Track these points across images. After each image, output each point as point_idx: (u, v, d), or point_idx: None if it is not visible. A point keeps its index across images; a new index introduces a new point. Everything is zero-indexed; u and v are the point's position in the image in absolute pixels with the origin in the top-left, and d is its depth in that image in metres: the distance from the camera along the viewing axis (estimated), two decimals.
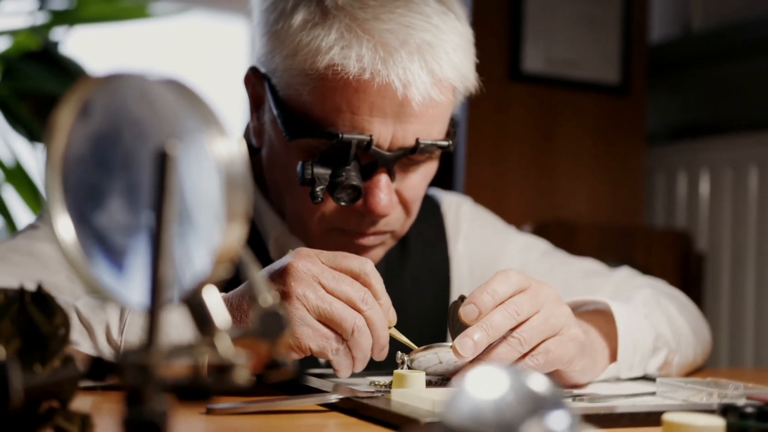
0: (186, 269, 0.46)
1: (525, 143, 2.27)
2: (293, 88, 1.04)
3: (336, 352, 0.89)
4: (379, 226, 1.08)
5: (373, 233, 1.09)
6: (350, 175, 1.01)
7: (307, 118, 1.03)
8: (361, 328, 0.89)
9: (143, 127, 0.47)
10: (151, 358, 0.45)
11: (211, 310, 0.47)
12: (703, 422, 0.68)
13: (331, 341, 0.88)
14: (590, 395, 0.92)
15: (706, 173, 2.41)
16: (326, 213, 1.07)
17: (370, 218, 1.06)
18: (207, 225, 0.46)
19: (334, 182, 1.02)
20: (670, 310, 1.20)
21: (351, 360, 0.90)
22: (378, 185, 1.04)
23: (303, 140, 1.04)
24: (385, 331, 0.91)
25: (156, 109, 0.47)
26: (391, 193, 1.05)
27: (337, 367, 0.90)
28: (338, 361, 0.90)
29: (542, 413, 0.44)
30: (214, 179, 0.46)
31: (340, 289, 0.89)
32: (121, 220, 0.48)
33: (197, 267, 0.46)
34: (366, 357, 0.90)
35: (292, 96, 1.05)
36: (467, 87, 1.11)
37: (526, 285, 0.94)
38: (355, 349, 0.89)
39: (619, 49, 2.36)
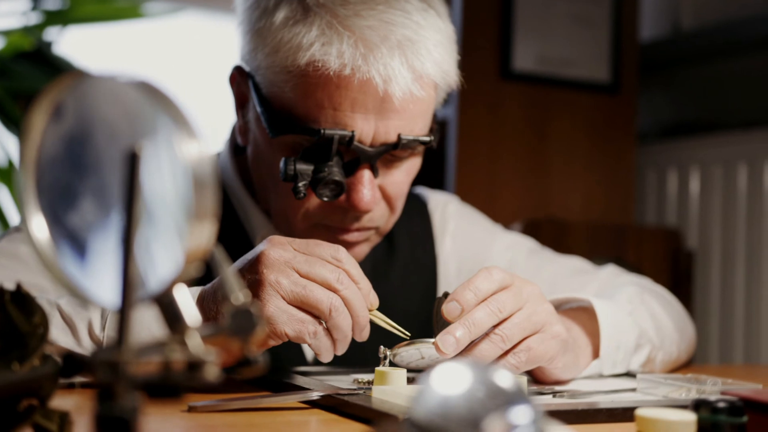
0: (156, 268, 0.47)
1: (517, 142, 2.28)
2: (276, 86, 1.05)
3: (314, 335, 0.89)
4: (362, 222, 1.09)
5: (356, 229, 1.10)
6: (333, 171, 1.02)
7: (289, 114, 1.04)
8: (339, 308, 0.89)
9: (114, 127, 0.48)
10: (122, 356, 0.45)
11: (182, 308, 0.48)
12: (676, 417, 0.69)
13: (308, 324, 0.88)
14: (571, 391, 0.93)
15: (697, 171, 2.42)
16: (310, 209, 1.08)
17: (354, 214, 1.07)
18: (176, 224, 0.47)
19: (316, 178, 1.03)
20: (653, 308, 1.21)
21: (331, 342, 0.90)
22: (361, 181, 1.05)
23: (286, 137, 1.05)
24: (364, 310, 0.92)
25: (126, 110, 0.47)
26: (374, 188, 1.06)
27: (317, 350, 0.91)
28: (318, 345, 0.90)
29: (505, 407, 0.45)
30: (183, 179, 0.46)
31: (314, 272, 0.90)
32: (93, 220, 0.48)
33: (167, 266, 0.47)
34: (346, 338, 0.91)
35: (275, 93, 1.06)
36: (449, 83, 1.12)
37: (509, 282, 0.95)
38: (335, 330, 0.90)
39: (610, 48, 2.37)
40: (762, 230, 2.25)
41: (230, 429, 0.72)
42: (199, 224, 0.47)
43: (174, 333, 0.48)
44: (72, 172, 0.49)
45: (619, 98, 2.38)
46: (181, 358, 0.47)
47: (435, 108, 1.13)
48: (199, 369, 0.47)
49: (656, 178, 2.54)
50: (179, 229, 0.47)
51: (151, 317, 0.83)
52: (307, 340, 0.89)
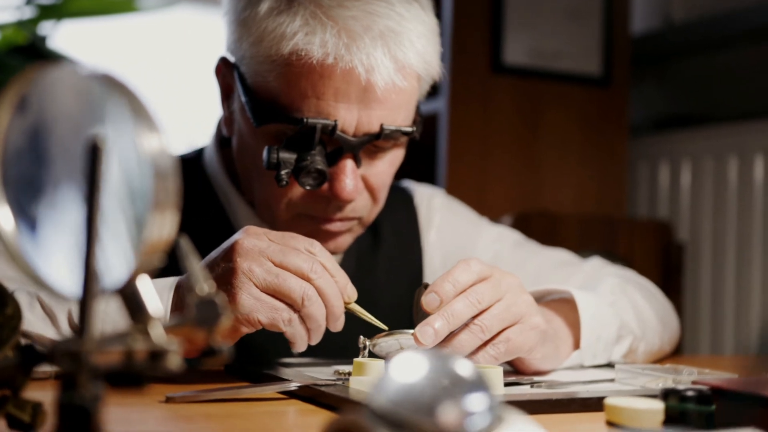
0: (118, 259, 0.48)
1: (508, 136, 2.28)
2: (260, 75, 1.06)
3: (288, 323, 0.89)
4: (345, 212, 1.10)
5: (339, 219, 1.11)
6: (315, 160, 1.03)
7: (274, 104, 1.05)
8: (312, 297, 0.90)
9: (76, 120, 0.49)
10: (84, 346, 0.46)
11: (145, 298, 0.49)
12: (643, 406, 0.69)
13: (282, 312, 0.89)
14: (549, 382, 0.93)
15: (688, 164, 2.43)
16: (293, 199, 1.09)
17: (336, 203, 1.08)
18: (138, 216, 0.47)
19: (299, 166, 1.04)
20: (635, 299, 1.22)
21: (306, 331, 0.91)
22: (344, 170, 1.06)
23: (270, 126, 1.06)
24: (339, 300, 0.92)
25: (88, 103, 0.48)
26: (356, 178, 1.07)
27: (291, 339, 0.91)
28: (292, 333, 0.91)
29: (460, 395, 0.46)
30: (144, 171, 0.47)
31: (287, 261, 0.90)
32: (57, 212, 0.49)
33: (129, 257, 0.48)
34: (320, 327, 0.92)
35: (259, 83, 1.07)
36: (432, 75, 1.13)
37: (488, 274, 0.95)
38: (308, 320, 0.91)
39: (601, 40, 2.37)
40: (752, 223, 2.26)
41: (208, 419, 0.73)
42: (160, 215, 0.47)
43: (137, 323, 0.49)
44: (36, 164, 0.49)
45: (610, 91, 2.39)
46: (144, 347, 0.48)
47: (418, 99, 1.14)
48: (161, 358, 0.48)
49: (648, 171, 2.54)
50: (141, 220, 0.47)
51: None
52: (282, 328, 0.89)
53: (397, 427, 0.45)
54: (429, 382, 0.46)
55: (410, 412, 0.45)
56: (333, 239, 1.13)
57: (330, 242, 1.13)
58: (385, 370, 0.48)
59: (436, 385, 0.46)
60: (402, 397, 0.46)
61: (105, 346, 0.47)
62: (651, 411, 0.69)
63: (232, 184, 1.22)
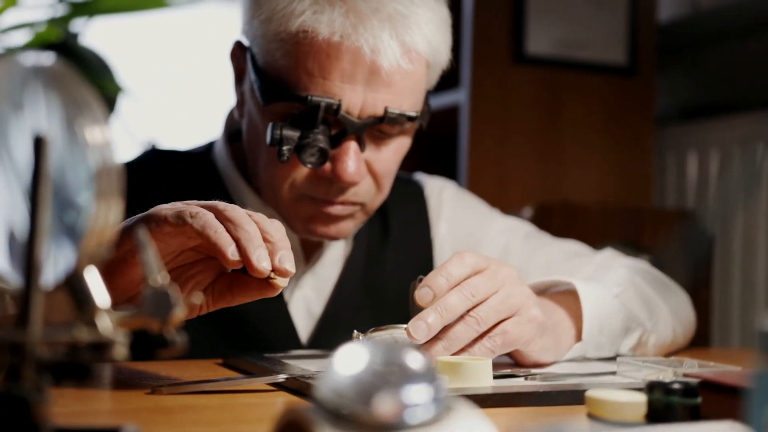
0: (64, 250, 0.48)
1: (530, 127, 2.26)
2: (269, 54, 1.07)
3: (193, 216, 0.82)
4: (347, 195, 1.10)
5: (341, 202, 1.11)
6: (317, 138, 1.04)
7: (281, 83, 1.06)
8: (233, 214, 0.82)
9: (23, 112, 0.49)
10: (27, 336, 0.46)
11: (92, 289, 0.49)
12: (625, 398, 0.68)
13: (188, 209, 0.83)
14: (545, 374, 0.92)
15: (717, 153, 2.38)
16: (296, 180, 1.09)
17: (338, 186, 1.09)
18: (83, 207, 0.47)
19: (301, 144, 1.04)
20: (645, 290, 1.20)
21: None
22: (346, 152, 1.06)
23: (277, 105, 1.07)
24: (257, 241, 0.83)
25: (34, 95, 0.48)
26: (359, 161, 1.07)
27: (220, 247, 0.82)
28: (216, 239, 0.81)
29: (400, 385, 0.45)
30: (89, 162, 0.47)
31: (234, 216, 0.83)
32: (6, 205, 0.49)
33: (75, 248, 0.48)
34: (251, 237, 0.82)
35: (268, 62, 1.08)
36: (440, 63, 1.13)
37: (484, 266, 0.94)
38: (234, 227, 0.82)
39: (627, 28, 2.33)
40: None
41: (186, 410, 0.73)
42: (105, 206, 0.47)
43: (83, 314, 0.49)
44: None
45: (636, 80, 2.35)
46: (90, 338, 0.48)
47: (427, 89, 1.14)
48: (107, 349, 0.48)
49: (675, 162, 2.50)
50: (85, 211, 0.47)
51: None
52: (187, 219, 0.82)
53: (339, 418, 0.45)
54: (372, 372, 0.46)
55: (348, 402, 0.44)
56: (334, 223, 1.13)
57: (331, 226, 1.13)
58: (331, 361, 0.48)
59: (378, 375, 0.46)
60: (344, 388, 0.45)
61: (49, 337, 0.47)
62: (633, 404, 0.68)
63: (241, 177, 1.23)
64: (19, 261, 0.47)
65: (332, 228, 1.12)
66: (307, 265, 1.24)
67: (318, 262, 1.24)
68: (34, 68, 0.48)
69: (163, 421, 0.67)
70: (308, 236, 1.15)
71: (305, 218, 1.12)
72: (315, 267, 1.24)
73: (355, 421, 0.44)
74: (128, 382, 0.85)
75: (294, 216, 1.13)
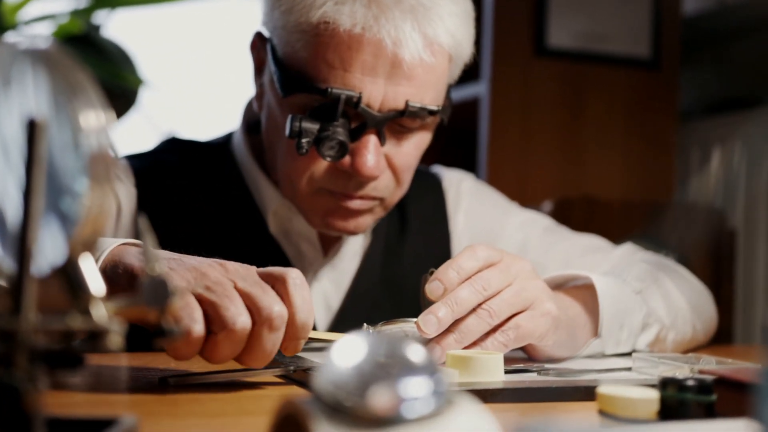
0: (57, 236, 0.47)
1: (551, 120, 2.24)
2: (290, 45, 1.06)
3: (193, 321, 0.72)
4: (366, 190, 1.09)
5: (360, 197, 1.09)
6: (337, 131, 1.02)
7: (301, 74, 1.05)
8: (237, 333, 0.73)
9: (16, 95, 0.48)
10: (20, 325, 0.45)
11: (87, 276, 0.48)
12: (637, 395, 0.66)
13: (193, 311, 0.73)
14: (558, 370, 0.90)
15: (742, 148, 2.35)
16: (315, 173, 1.08)
17: (357, 180, 1.07)
18: (77, 193, 0.46)
19: (320, 137, 1.03)
20: (666, 286, 1.18)
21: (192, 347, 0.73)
22: (366, 146, 1.04)
23: (296, 97, 1.05)
24: (261, 363, 0.77)
25: (27, 78, 0.47)
26: (379, 155, 1.06)
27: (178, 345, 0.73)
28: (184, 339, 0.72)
29: (398, 378, 0.44)
30: (83, 147, 0.46)
31: (252, 291, 0.75)
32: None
33: (68, 234, 0.47)
34: (213, 358, 0.76)
35: (288, 53, 1.06)
36: (463, 57, 1.11)
37: (496, 259, 0.93)
38: (212, 347, 0.74)
39: (651, 21, 2.30)
40: None
41: (192, 402, 0.72)
42: (99, 192, 0.46)
43: (78, 302, 0.48)
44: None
45: (660, 74, 2.32)
46: (84, 327, 0.47)
47: (449, 83, 1.12)
48: (102, 338, 0.47)
49: (700, 157, 2.47)
50: (79, 197, 0.46)
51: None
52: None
53: (335, 411, 0.44)
54: (370, 364, 0.45)
55: (344, 394, 0.43)
56: (353, 218, 1.11)
57: (350, 221, 1.11)
58: (330, 353, 0.47)
59: (377, 367, 0.44)
60: (341, 381, 0.44)
61: (43, 325, 0.46)
62: (645, 401, 0.66)
63: (259, 169, 1.22)
64: (11, 247, 0.46)
65: (350, 222, 1.11)
66: (326, 258, 1.23)
67: (336, 255, 1.23)
68: (28, 51, 0.47)
69: (166, 413, 0.67)
70: (326, 230, 1.14)
71: (323, 212, 1.10)
72: (333, 260, 1.23)
73: (351, 414, 0.43)
74: (135, 372, 0.85)
75: (312, 210, 1.11)
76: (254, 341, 0.75)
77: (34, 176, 0.46)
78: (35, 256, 0.46)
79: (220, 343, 0.74)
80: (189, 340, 0.71)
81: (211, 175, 1.23)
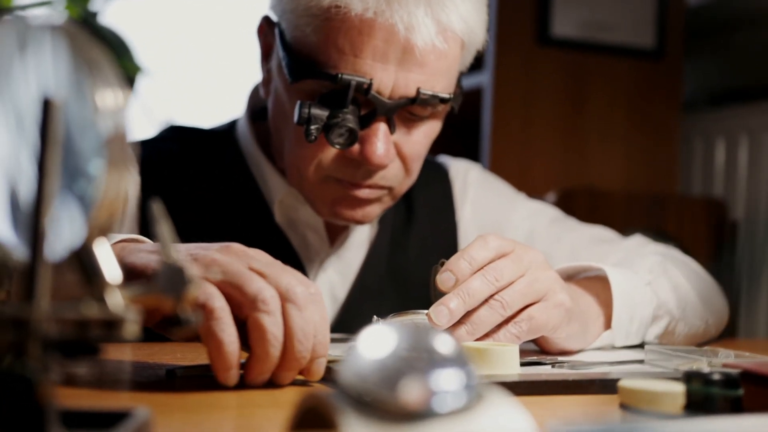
0: (72, 220, 0.45)
1: (554, 110, 2.22)
2: (299, 29, 1.03)
3: (213, 317, 0.69)
4: (375, 179, 1.06)
5: (368, 186, 1.07)
6: (346, 118, 1.00)
7: (310, 60, 1.02)
8: (269, 303, 0.70)
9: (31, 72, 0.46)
10: (33, 313, 0.44)
11: (102, 263, 0.46)
12: (662, 388, 0.65)
13: (214, 299, 0.69)
14: (572, 362, 0.89)
15: (745, 140, 2.33)
16: (323, 160, 1.05)
17: (366, 168, 1.05)
18: (93, 175, 0.44)
19: (329, 123, 1.00)
20: (676, 278, 1.16)
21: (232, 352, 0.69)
22: (376, 133, 1.02)
23: (305, 83, 1.03)
24: (306, 343, 0.71)
25: (43, 56, 0.45)
26: (389, 143, 1.03)
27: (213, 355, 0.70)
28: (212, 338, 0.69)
29: (429, 371, 0.42)
30: (99, 128, 0.44)
31: (268, 271, 0.72)
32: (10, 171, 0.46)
33: (84, 219, 0.45)
34: (266, 357, 0.70)
35: (297, 38, 1.04)
36: (475, 45, 1.09)
37: (508, 249, 0.91)
38: (255, 334, 0.70)
39: (655, 11, 2.28)
40: None
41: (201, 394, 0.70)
42: (116, 175, 0.44)
43: (93, 289, 0.46)
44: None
45: (663, 64, 2.30)
46: (99, 315, 0.45)
47: (460, 69, 1.10)
48: (117, 327, 0.45)
49: (703, 148, 2.45)
50: (94, 180, 0.44)
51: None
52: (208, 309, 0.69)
53: (362, 404, 0.42)
54: (399, 357, 0.43)
55: (374, 388, 0.41)
56: (360, 207, 1.09)
57: (357, 210, 1.09)
58: (355, 344, 0.45)
59: (406, 360, 0.42)
60: (368, 373, 0.42)
61: (56, 314, 0.44)
62: (670, 394, 0.64)
63: (265, 157, 1.20)
64: (24, 231, 0.44)
65: (358, 212, 1.09)
66: (332, 248, 1.21)
67: (343, 245, 1.21)
68: (44, 26, 0.45)
69: (177, 405, 0.65)
70: (333, 219, 1.12)
71: (331, 201, 1.08)
72: (339, 250, 1.21)
73: (379, 407, 0.41)
74: (142, 364, 0.83)
75: (319, 198, 1.09)
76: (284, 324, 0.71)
77: (49, 157, 0.44)
78: (49, 240, 0.44)
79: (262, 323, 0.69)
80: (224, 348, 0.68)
81: (215, 163, 1.21)
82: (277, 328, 0.70)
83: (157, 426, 0.53)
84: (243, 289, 0.70)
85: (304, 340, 0.71)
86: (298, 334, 0.70)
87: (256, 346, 0.70)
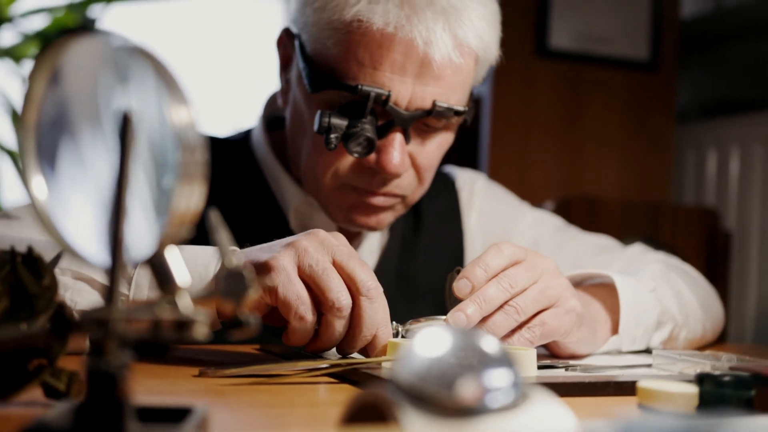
0: (147, 230, 0.48)
1: (551, 120, 2.26)
2: (320, 42, 1.07)
3: (299, 319, 0.84)
4: (389, 187, 1.11)
5: (383, 194, 1.11)
6: (365, 128, 1.04)
7: (330, 71, 1.07)
8: (343, 310, 0.84)
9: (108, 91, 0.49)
10: (112, 314, 0.47)
11: (173, 269, 0.49)
12: (677, 389, 0.68)
13: (302, 304, 0.84)
14: (584, 366, 0.92)
15: (737, 150, 2.38)
16: (339, 168, 1.10)
17: (382, 177, 1.09)
18: (167, 187, 0.48)
19: (348, 132, 1.04)
20: (678, 285, 1.20)
21: (308, 335, 0.86)
22: (392, 143, 1.06)
23: (325, 93, 1.07)
24: (371, 332, 0.86)
25: (120, 74, 0.49)
26: (404, 153, 1.08)
27: (290, 334, 0.86)
28: (295, 328, 0.85)
29: (482, 370, 0.45)
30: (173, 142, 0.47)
31: (348, 265, 0.86)
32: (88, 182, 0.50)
33: (158, 228, 0.48)
34: (330, 343, 0.87)
35: (318, 50, 1.08)
36: (489, 59, 1.13)
37: (522, 257, 0.95)
38: (325, 330, 0.86)
39: (649, 24, 2.33)
40: None
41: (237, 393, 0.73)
42: (188, 187, 0.48)
43: (164, 293, 0.49)
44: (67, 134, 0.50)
45: (657, 76, 2.35)
46: (171, 317, 0.48)
47: (473, 83, 1.14)
48: (187, 328, 0.48)
49: (695, 158, 2.50)
50: (169, 191, 0.48)
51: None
52: (290, 317, 0.85)
53: (419, 401, 0.45)
54: (452, 357, 0.46)
55: (431, 386, 0.45)
56: (375, 214, 1.13)
57: (372, 216, 1.13)
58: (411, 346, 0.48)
59: (459, 360, 0.46)
60: (425, 372, 0.46)
61: (133, 315, 0.47)
62: (685, 395, 0.68)
63: (280, 166, 1.23)
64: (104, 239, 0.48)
65: (372, 218, 1.13)
66: None
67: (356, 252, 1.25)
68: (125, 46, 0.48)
69: (220, 403, 0.68)
70: (347, 226, 1.16)
71: (346, 207, 1.12)
72: None
73: (436, 403, 0.45)
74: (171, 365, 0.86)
75: (334, 205, 1.13)
76: (356, 313, 0.85)
77: (126, 169, 0.47)
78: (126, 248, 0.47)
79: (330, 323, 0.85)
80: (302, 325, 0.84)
81: (230, 171, 1.24)
82: (344, 326, 0.86)
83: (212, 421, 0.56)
84: (325, 295, 0.84)
85: (371, 327, 0.86)
86: (367, 323, 0.86)
87: (323, 335, 0.86)
